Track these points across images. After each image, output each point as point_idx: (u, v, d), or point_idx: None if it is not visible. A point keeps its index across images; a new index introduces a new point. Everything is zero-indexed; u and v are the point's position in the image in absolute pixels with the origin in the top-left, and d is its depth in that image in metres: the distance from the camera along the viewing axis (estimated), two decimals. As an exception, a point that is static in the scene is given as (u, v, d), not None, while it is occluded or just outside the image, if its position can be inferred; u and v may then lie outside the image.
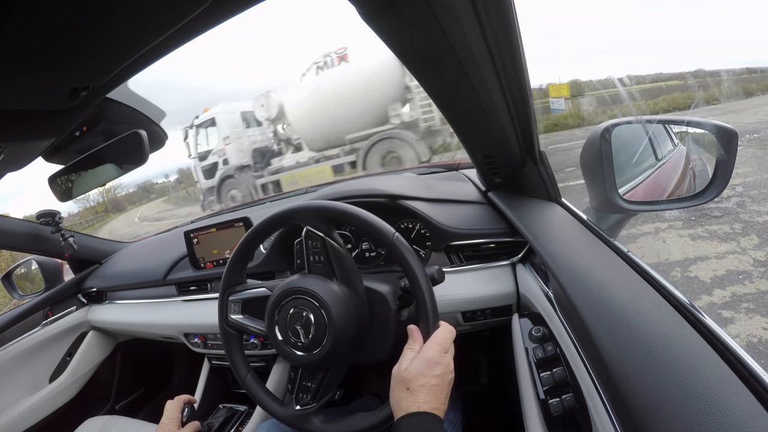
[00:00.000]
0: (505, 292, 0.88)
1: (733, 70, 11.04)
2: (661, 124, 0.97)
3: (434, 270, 0.69)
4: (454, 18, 0.46)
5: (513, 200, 0.91)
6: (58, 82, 0.45)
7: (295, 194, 1.59)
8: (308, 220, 0.71)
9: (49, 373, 1.40)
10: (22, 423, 1.25)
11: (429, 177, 1.36)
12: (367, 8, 0.44)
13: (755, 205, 3.48)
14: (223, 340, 0.79)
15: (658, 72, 20.51)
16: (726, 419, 0.34)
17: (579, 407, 0.57)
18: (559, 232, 0.76)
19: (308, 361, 0.67)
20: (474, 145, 0.87)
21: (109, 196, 26.74)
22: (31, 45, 0.34)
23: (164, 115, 0.80)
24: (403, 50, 0.54)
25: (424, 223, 0.98)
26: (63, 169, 0.76)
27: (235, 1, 0.43)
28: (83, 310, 1.48)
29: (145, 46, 0.41)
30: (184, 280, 1.23)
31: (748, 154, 5.00)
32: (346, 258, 0.69)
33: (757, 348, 1.92)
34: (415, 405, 0.53)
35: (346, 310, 0.66)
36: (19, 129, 0.55)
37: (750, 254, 2.72)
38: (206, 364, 1.32)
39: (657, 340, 0.44)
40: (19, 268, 1.49)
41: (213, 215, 1.70)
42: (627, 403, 0.40)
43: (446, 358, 0.58)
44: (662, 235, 3.24)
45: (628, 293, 0.53)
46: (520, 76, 0.63)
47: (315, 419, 0.69)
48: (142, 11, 0.35)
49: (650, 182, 0.90)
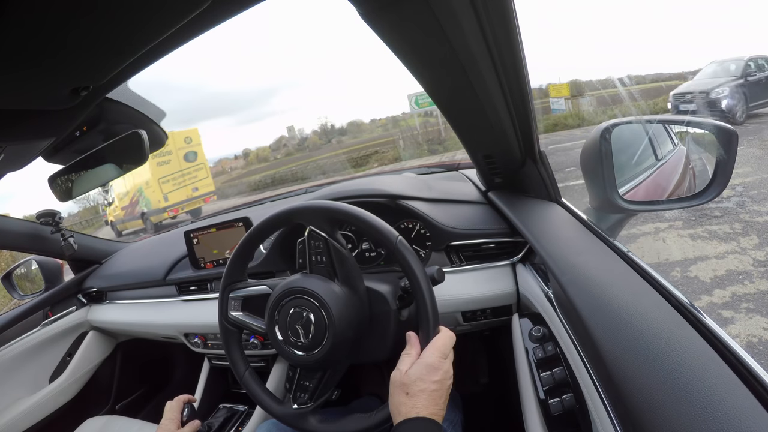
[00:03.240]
0: (505, 292, 0.88)
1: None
2: (661, 124, 0.97)
3: (434, 270, 0.69)
4: (454, 18, 0.46)
5: (513, 200, 0.91)
6: (58, 82, 0.45)
7: (295, 194, 1.59)
8: (312, 220, 0.71)
9: (49, 373, 1.40)
10: (22, 423, 1.25)
11: (429, 177, 1.36)
12: (367, 8, 0.44)
13: (755, 205, 3.48)
14: (222, 337, 0.79)
15: (658, 72, 20.46)
16: (726, 419, 0.34)
17: (579, 407, 0.57)
18: (559, 232, 0.76)
19: (307, 360, 0.67)
20: (474, 145, 0.87)
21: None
22: (31, 45, 0.34)
23: (164, 115, 0.80)
24: (403, 50, 0.54)
25: (424, 223, 0.98)
26: (63, 169, 0.76)
27: (235, 1, 0.43)
28: (83, 310, 1.48)
29: (145, 46, 0.41)
30: (184, 280, 1.23)
31: (748, 154, 5.00)
32: (348, 259, 0.69)
33: (757, 348, 1.91)
34: (414, 410, 0.53)
35: (346, 311, 0.66)
36: (19, 129, 0.55)
37: (750, 254, 2.72)
38: (206, 364, 1.32)
39: (657, 340, 0.44)
40: (19, 268, 1.49)
41: (213, 215, 1.70)
42: (627, 403, 0.40)
43: (446, 364, 0.58)
44: (662, 235, 3.24)
45: (628, 293, 0.53)
46: (520, 76, 0.63)
47: (312, 418, 0.69)
48: (142, 11, 0.35)
49: (650, 182, 0.90)
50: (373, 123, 33.44)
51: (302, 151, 31.45)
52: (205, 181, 10.85)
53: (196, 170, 10.59)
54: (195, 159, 10.60)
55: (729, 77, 7.27)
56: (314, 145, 32.68)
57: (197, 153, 10.62)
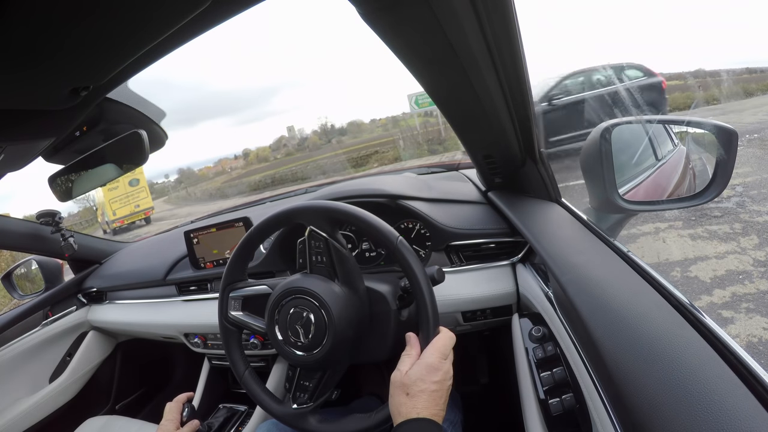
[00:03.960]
0: (505, 292, 0.88)
1: (733, 70, 11.04)
2: (661, 124, 0.97)
3: (434, 270, 0.69)
4: (455, 18, 0.46)
5: (513, 200, 0.91)
6: (58, 82, 0.45)
7: (295, 194, 1.59)
8: (312, 220, 0.71)
9: (49, 373, 1.40)
10: (22, 423, 1.25)
11: (429, 177, 1.36)
12: (367, 8, 0.44)
13: (755, 205, 3.48)
14: (222, 337, 0.79)
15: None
16: (726, 419, 0.34)
17: (579, 407, 0.57)
18: (559, 232, 0.76)
19: (307, 360, 0.67)
20: (474, 145, 0.87)
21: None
22: (31, 45, 0.34)
23: (164, 115, 0.80)
24: (403, 50, 0.54)
25: (424, 223, 0.98)
26: (63, 169, 0.76)
27: (235, 1, 0.43)
28: (83, 310, 1.48)
29: (145, 46, 0.41)
30: (184, 280, 1.23)
31: (748, 154, 5.00)
32: (349, 259, 0.69)
33: (757, 348, 1.91)
34: (415, 411, 0.53)
35: (346, 311, 0.66)
36: (19, 129, 0.55)
37: (750, 254, 2.72)
38: (206, 364, 1.32)
39: (657, 340, 0.44)
40: (19, 268, 1.49)
41: (213, 215, 1.70)
42: (627, 403, 0.40)
43: (446, 365, 0.58)
44: (662, 235, 3.24)
45: (628, 293, 0.53)
46: (520, 76, 0.63)
47: (311, 418, 0.69)
48: (142, 11, 0.35)
49: (650, 182, 0.90)
50: (373, 123, 33.46)
51: (302, 151, 31.46)
52: (145, 199, 15.14)
53: (138, 192, 14.86)
54: (138, 184, 14.86)
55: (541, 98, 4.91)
56: (314, 145, 32.69)
57: (139, 179, 14.95)
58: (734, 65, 17.43)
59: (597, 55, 58.52)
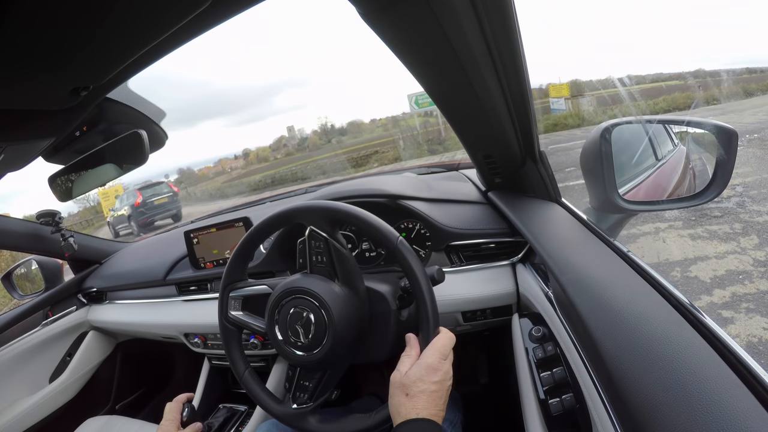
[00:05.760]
0: (505, 292, 0.88)
1: (733, 70, 11.03)
2: (661, 124, 0.97)
3: (434, 270, 0.69)
4: (454, 18, 0.46)
5: (513, 200, 0.91)
6: (58, 82, 0.45)
7: (295, 194, 1.59)
8: (312, 220, 0.71)
9: (49, 373, 1.40)
10: (22, 423, 1.25)
11: (429, 177, 1.36)
12: (367, 8, 0.44)
13: (755, 205, 3.48)
14: (222, 337, 0.79)
15: (658, 72, 20.49)
16: (726, 419, 0.34)
17: (579, 407, 0.57)
18: (559, 232, 0.76)
19: (307, 360, 0.67)
20: (474, 145, 0.87)
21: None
22: (32, 45, 0.34)
23: (164, 115, 0.80)
24: (403, 50, 0.54)
25: (424, 223, 0.98)
26: (63, 169, 0.76)
27: (235, 1, 0.43)
28: (83, 310, 1.48)
29: (145, 46, 0.41)
30: (184, 280, 1.23)
31: (748, 154, 5.00)
32: (349, 259, 0.69)
33: (757, 348, 1.92)
34: (414, 411, 0.53)
35: (346, 312, 0.66)
36: (19, 129, 0.55)
37: (750, 254, 2.72)
38: (206, 364, 1.32)
39: (657, 340, 0.44)
40: (19, 268, 1.49)
41: (213, 215, 1.70)
42: (627, 403, 0.40)
43: (445, 365, 0.58)
44: (662, 235, 3.24)
45: (628, 293, 0.53)
46: (520, 76, 0.63)
47: (311, 418, 0.69)
48: (142, 11, 0.35)
49: (650, 182, 0.90)
50: (373, 123, 33.48)
51: (302, 151, 31.48)
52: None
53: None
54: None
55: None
56: (314, 145, 32.71)
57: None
58: (734, 65, 17.43)
59: (597, 55, 58.33)
